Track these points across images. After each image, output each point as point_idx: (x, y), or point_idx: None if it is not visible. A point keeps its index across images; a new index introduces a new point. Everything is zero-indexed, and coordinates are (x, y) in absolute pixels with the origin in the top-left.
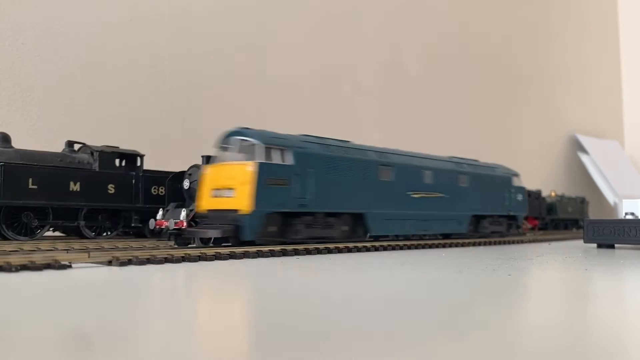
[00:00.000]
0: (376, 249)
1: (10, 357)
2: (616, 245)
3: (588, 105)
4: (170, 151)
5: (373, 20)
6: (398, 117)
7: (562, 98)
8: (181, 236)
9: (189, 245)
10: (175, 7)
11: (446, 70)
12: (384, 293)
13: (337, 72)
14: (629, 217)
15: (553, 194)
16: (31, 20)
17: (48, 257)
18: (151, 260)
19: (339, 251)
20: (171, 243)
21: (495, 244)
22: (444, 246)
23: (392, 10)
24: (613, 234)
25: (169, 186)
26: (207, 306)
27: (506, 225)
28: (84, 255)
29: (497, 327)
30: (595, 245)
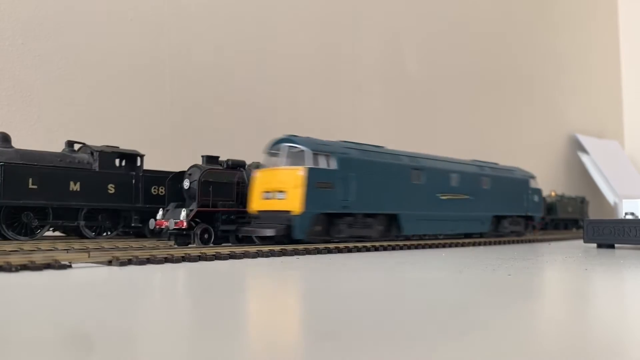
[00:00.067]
0: (376, 249)
1: (10, 357)
2: (616, 245)
3: (588, 105)
4: (170, 151)
5: (373, 20)
6: (398, 117)
7: (562, 98)
8: (240, 235)
9: (189, 245)
10: (175, 7)
11: (446, 70)
12: (384, 293)
13: (337, 72)
14: (629, 217)
15: (553, 194)
16: (31, 20)
17: (48, 257)
18: (151, 260)
19: (339, 251)
20: (171, 243)
21: (495, 244)
22: (444, 246)
23: (392, 10)
24: (613, 234)
25: (169, 186)
26: (207, 306)
27: (524, 225)
28: (84, 255)
29: (497, 327)
30: (595, 245)
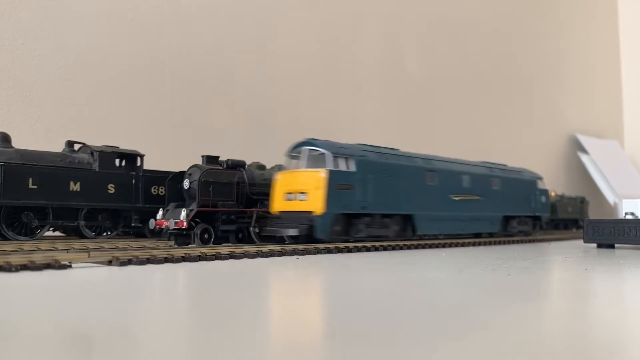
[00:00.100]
0: (376, 249)
1: (10, 357)
2: (616, 245)
3: (588, 105)
4: (170, 151)
5: (373, 20)
6: (398, 117)
7: (562, 98)
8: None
9: (189, 245)
10: (175, 7)
11: (446, 70)
12: (384, 293)
13: (337, 72)
14: (629, 217)
15: (553, 194)
16: (31, 20)
17: (48, 257)
18: (151, 260)
19: (339, 251)
20: (171, 243)
21: (495, 244)
22: (444, 246)
23: (392, 10)
24: (613, 234)
25: (169, 186)
26: (207, 306)
27: (532, 224)
28: (84, 255)
29: (497, 327)
30: (595, 245)
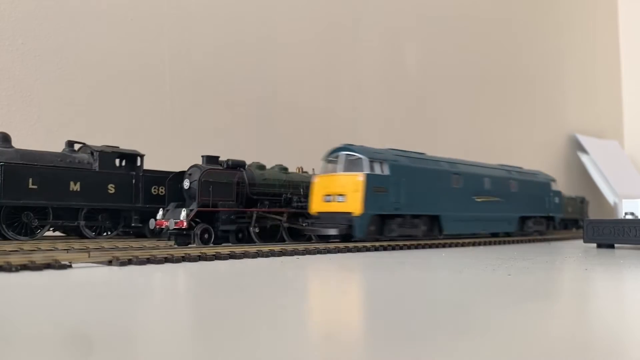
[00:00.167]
0: (376, 249)
1: (10, 357)
2: (616, 245)
3: (588, 105)
4: (170, 151)
5: (373, 20)
6: (398, 117)
7: (562, 98)
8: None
9: (189, 245)
10: (175, 7)
11: (446, 70)
12: (383, 292)
13: (337, 72)
14: (629, 217)
15: None
16: (31, 20)
17: (48, 257)
18: (151, 260)
19: (339, 251)
20: (171, 243)
21: (495, 244)
22: (444, 246)
23: (392, 10)
24: (613, 234)
25: (169, 186)
26: (207, 306)
27: (546, 224)
28: (84, 255)
29: (497, 327)
30: (595, 245)
